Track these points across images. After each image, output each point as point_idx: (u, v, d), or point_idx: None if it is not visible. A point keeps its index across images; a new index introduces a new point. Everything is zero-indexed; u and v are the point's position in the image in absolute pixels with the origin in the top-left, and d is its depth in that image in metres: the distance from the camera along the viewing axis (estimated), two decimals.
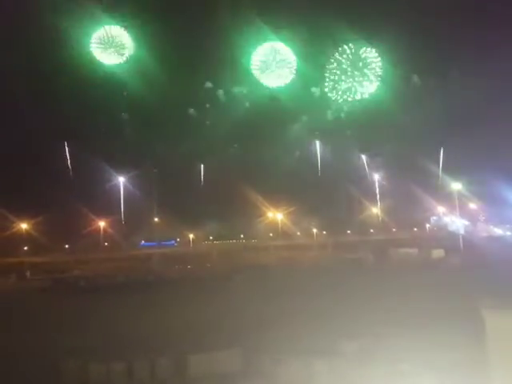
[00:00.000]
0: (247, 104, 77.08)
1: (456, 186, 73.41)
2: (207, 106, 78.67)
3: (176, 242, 78.20)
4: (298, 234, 76.66)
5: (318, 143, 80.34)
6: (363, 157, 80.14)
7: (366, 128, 76.53)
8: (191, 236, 76.14)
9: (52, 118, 69.71)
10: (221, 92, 77.61)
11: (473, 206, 79.22)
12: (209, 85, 77.33)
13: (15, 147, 68.90)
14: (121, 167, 74.20)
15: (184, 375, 17.10)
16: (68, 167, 74.30)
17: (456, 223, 78.10)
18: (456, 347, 16.89)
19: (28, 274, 64.33)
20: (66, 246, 74.51)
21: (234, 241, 78.71)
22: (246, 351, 17.79)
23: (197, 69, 74.61)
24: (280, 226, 75.60)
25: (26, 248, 70.58)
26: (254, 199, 73.93)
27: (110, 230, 72.26)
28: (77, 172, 73.32)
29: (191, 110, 78.47)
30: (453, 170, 72.70)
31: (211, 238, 78.09)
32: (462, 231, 75.36)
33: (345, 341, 18.25)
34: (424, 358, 16.14)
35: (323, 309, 25.86)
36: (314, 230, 77.78)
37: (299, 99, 76.88)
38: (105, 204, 68.60)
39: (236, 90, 77.38)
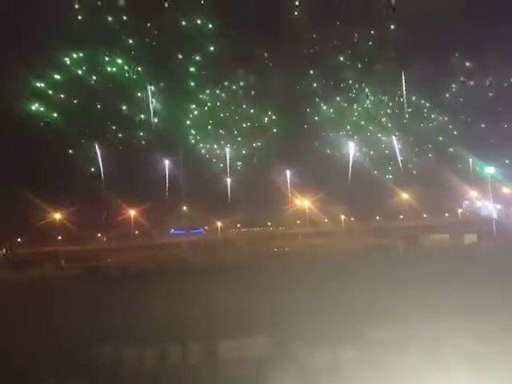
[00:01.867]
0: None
1: (489, 169, 71.69)
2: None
3: (204, 230, 78.90)
4: (326, 220, 76.17)
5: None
6: (393, 141, 79.03)
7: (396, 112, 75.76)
8: (219, 224, 76.71)
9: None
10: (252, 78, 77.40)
11: (506, 190, 77.15)
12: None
13: (45, 137, 71.09)
14: (150, 157, 75.24)
15: (215, 359, 17.38)
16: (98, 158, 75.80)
17: (489, 208, 76.20)
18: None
19: (63, 262, 66.07)
20: (99, 235, 76.19)
21: (262, 228, 78.79)
22: (277, 337, 17.94)
23: None
24: (307, 212, 75.37)
25: (59, 237, 72.48)
26: (281, 186, 74.04)
27: (140, 219, 73.49)
28: (107, 162, 74.80)
29: (221, 96, 78.59)
30: (485, 153, 70.99)
31: (239, 225, 78.43)
32: (494, 216, 73.55)
33: (375, 329, 18.19)
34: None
35: (355, 297, 25.65)
36: (342, 217, 77.09)
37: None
38: (135, 193, 69.61)
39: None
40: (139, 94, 77.23)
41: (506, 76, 71.08)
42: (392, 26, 75.03)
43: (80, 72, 75.92)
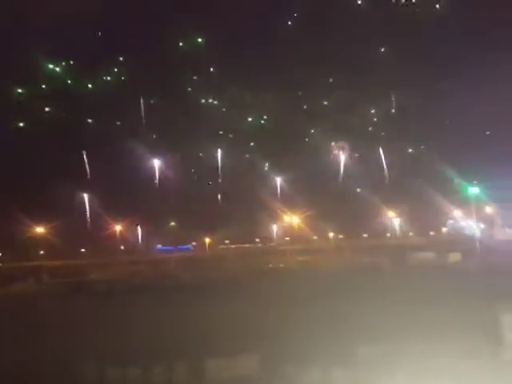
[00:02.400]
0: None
1: (473, 189, 72.90)
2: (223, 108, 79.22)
3: (192, 246, 78.40)
4: (315, 237, 76.40)
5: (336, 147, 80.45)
6: (380, 160, 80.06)
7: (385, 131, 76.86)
8: (207, 240, 76.34)
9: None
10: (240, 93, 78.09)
11: (489, 209, 78.48)
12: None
13: (29, 152, 70.41)
14: (136, 171, 74.98)
15: (201, 380, 17.17)
16: (84, 172, 75.27)
17: (472, 227, 77.23)
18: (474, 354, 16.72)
19: (45, 277, 64.94)
20: (82, 250, 75.12)
21: (250, 245, 78.61)
22: (264, 356, 17.82)
23: None
24: (296, 229, 75.52)
25: (42, 252, 71.33)
26: (270, 203, 74.21)
27: (126, 234, 72.81)
28: (93, 176, 74.33)
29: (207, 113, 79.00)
30: (470, 173, 72.24)
31: (227, 241, 78.13)
32: (478, 235, 74.52)
33: (364, 346, 18.17)
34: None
35: (343, 313, 25.67)
36: (331, 234, 77.45)
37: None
38: (121, 208, 69.09)
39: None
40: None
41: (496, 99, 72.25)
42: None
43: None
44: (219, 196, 74.43)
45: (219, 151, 79.70)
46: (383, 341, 18.67)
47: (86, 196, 73.96)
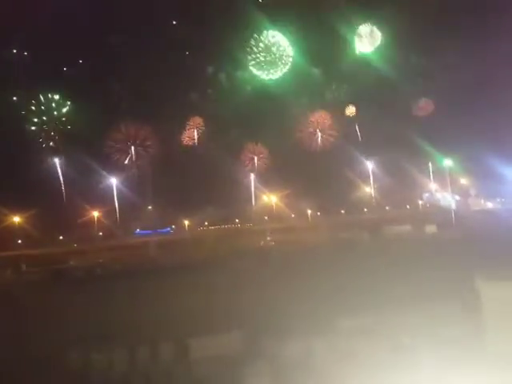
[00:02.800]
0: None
1: (447, 162, 74.15)
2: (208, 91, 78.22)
3: (171, 229, 78.13)
4: (293, 216, 76.98)
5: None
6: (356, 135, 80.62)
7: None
8: (186, 222, 76.13)
9: None
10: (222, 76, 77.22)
11: (464, 181, 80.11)
12: (210, 69, 76.79)
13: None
14: (113, 156, 73.97)
15: (186, 358, 17.34)
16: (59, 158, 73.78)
17: (448, 199, 78.85)
18: (454, 321, 17.23)
19: (24, 266, 64.05)
20: (61, 238, 74.16)
21: (230, 226, 78.79)
22: (247, 333, 18.07)
23: None
24: (275, 208, 75.94)
25: (19, 241, 70.16)
26: (248, 183, 74.30)
27: (104, 220, 72.07)
28: (68, 163, 72.90)
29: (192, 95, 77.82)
30: (444, 146, 73.24)
31: (206, 223, 78.14)
32: (453, 206, 76.17)
33: (344, 319, 18.55)
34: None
35: (323, 288, 26.10)
36: (309, 212, 78.08)
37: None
38: (98, 194, 68.30)
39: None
40: None
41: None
42: None
43: None
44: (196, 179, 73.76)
45: (195, 133, 79.02)
46: (362, 313, 19.17)
47: (61, 182, 72.49)
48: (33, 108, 74.40)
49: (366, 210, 79.32)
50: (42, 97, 74.82)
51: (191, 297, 28.95)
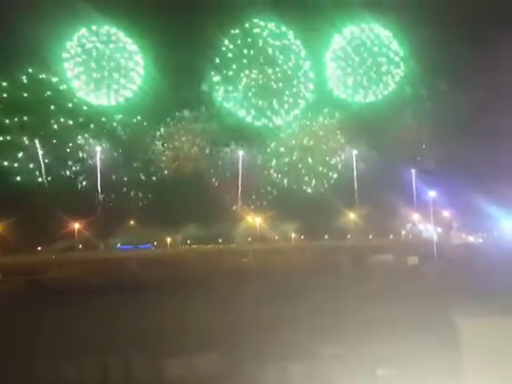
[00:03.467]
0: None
1: (431, 193, 75.14)
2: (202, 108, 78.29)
3: (153, 245, 77.30)
4: (276, 238, 76.86)
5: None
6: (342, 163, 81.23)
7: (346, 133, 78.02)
8: (168, 239, 75.45)
9: None
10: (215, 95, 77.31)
11: (446, 213, 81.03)
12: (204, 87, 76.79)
13: None
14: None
15: (161, 378, 16.95)
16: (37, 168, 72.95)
17: (430, 230, 79.55)
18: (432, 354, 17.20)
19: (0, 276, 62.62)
20: (39, 248, 72.76)
21: (212, 245, 78.26)
22: (225, 355, 17.78)
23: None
24: (258, 230, 75.74)
25: None
26: (233, 203, 74.16)
27: (85, 232, 71.03)
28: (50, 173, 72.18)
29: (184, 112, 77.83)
30: (427, 177, 74.40)
31: (189, 241, 77.53)
32: (435, 238, 76.81)
33: (324, 345, 18.38)
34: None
35: (302, 313, 25.89)
36: (293, 235, 78.08)
37: None
38: (80, 206, 67.42)
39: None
40: None
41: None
42: None
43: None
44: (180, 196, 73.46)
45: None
46: (338, 340, 19.03)
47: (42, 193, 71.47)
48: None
49: (349, 236, 79.56)
50: None
51: (165, 314, 28.56)
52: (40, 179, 72.41)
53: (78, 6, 67.26)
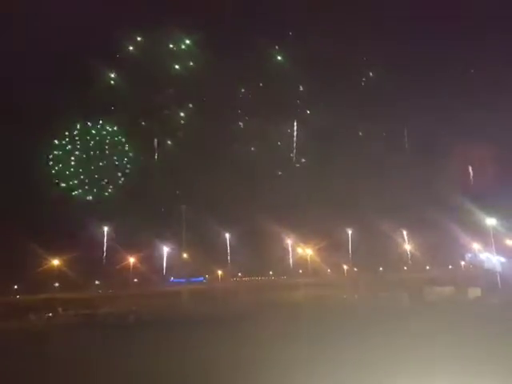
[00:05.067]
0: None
1: (490, 220, 71.40)
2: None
3: (205, 278, 77.74)
4: (329, 270, 75.24)
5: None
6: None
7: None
8: (220, 272, 75.73)
9: None
10: None
11: (509, 242, 76.50)
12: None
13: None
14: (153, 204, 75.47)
15: None
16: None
17: (492, 260, 75.30)
18: None
19: (60, 310, 64.86)
20: (97, 283, 74.99)
21: (263, 278, 77.65)
22: None
23: None
24: (310, 262, 74.48)
25: (57, 284, 71.43)
26: (283, 235, 73.60)
27: (140, 266, 72.59)
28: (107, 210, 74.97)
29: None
30: (487, 205, 71.00)
31: (240, 274, 77.41)
32: (498, 269, 72.53)
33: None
34: None
35: (348, 360, 24.55)
36: (345, 267, 76.16)
37: None
38: (136, 240, 69.19)
39: None
40: None
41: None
42: None
43: None
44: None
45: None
46: None
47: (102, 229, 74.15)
48: None
49: (405, 268, 76.60)
50: None
51: (217, 351, 28.41)
52: None
53: None
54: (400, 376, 19.91)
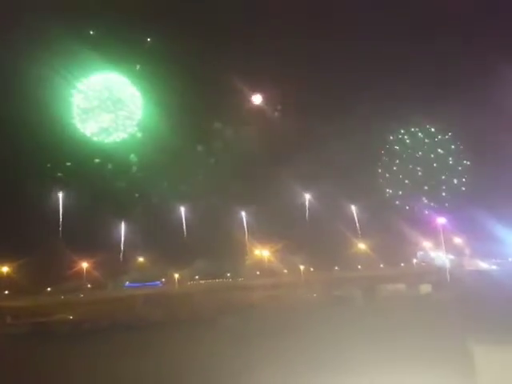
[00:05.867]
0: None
1: (441, 220, 74.26)
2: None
3: (161, 282, 76.64)
4: (285, 271, 75.90)
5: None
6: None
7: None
8: (176, 276, 74.89)
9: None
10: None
11: (458, 240, 79.77)
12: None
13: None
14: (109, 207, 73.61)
15: None
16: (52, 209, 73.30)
17: (442, 258, 78.25)
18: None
19: (8, 318, 62.32)
20: (48, 289, 72.50)
21: (220, 280, 77.42)
22: None
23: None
24: (267, 263, 74.94)
25: (6, 292, 68.62)
26: (240, 237, 73.71)
27: (93, 272, 70.79)
28: (62, 213, 72.53)
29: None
30: (437, 204, 73.81)
31: (197, 277, 76.83)
32: (448, 266, 75.47)
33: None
34: None
35: (312, 354, 25.16)
36: (301, 267, 77.04)
37: None
38: (88, 245, 67.37)
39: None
40: None
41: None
42: None
43: None
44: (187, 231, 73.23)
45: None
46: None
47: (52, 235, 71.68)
48: None
49: (359, 267, 78.35)
50: None
51: (174, 356, 28.17)
52: None
53: None
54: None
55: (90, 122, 74.53)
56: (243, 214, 76.04)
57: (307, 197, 79.26)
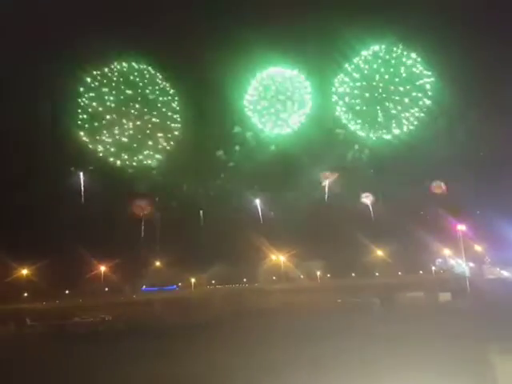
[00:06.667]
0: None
1: (461, 227, 72.98)
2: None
3: (178, 286, 76.92)
4: (302, 276, 75.44)
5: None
6: (368, 200, 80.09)
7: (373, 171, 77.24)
8: (193, 280, 75.09)
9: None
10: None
11: (478, 248, 78.34)
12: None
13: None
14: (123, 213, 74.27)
15: None
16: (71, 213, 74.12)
17: (462, 266, 76.93)
18: None
19: (28, 320, 63.16)
20: (67, 292, 73.39)
21: (237, 285, 77.35)
22: None
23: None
24: (283, 268, 74.61)
25: (26, 294, 69.67)
26: (257, 242, 73.56)
27: (111, 275, 71.42)
28: (78, 217, 73.21)
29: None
30: (457, 212, 72.56)
31: (213, 282, 76.90)
32: (467, 273, 74.14)
33: None
34: None
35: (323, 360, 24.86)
36: (318, 273, 76.54)
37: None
38: (106, 249, 67.98)
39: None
40: None
41: None
42: None
43: None
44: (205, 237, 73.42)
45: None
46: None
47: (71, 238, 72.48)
48: None
49: (377, 274, 77.45)
50: None
51: (192, 359, 28.16)
52: None
53: None
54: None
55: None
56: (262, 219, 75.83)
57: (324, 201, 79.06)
